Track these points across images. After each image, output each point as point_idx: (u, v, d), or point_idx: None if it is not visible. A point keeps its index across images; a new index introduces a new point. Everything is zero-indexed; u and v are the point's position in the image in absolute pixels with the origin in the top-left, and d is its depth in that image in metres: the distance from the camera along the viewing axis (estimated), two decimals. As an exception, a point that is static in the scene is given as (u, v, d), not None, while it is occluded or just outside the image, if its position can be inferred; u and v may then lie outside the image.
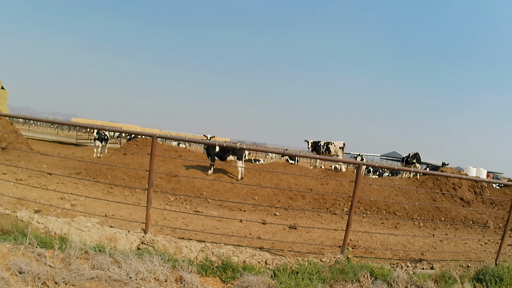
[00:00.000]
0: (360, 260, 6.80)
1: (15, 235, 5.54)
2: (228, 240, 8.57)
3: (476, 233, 14.01)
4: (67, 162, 17.39)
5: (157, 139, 6.52)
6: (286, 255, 7.09)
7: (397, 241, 10.94)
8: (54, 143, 33.16)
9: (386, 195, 16.40)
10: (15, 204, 9.00)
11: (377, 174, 29.61)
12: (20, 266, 4.59)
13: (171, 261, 5.37)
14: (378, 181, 18.52)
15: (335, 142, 21.72)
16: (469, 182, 17.59)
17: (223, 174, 17.10)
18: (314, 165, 23.24)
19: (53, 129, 51.29)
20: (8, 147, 16.38)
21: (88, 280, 4.70)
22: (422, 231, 13.30)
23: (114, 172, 15.83)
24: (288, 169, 18.62)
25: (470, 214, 15.43)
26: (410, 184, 18.14)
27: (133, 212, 10.60)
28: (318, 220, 13.13)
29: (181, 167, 17.27)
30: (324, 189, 16.43)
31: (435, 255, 9.72)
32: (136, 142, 20.19)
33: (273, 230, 10.62)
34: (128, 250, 5.51)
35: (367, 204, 15.35)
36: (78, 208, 10.15)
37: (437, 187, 17.49)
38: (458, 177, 8.14)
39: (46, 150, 24.60)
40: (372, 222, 13.72)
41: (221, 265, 5.68)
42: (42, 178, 13.53)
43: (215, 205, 13.42)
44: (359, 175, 7.13)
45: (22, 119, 7.82)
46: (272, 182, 16.59)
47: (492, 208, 16.58)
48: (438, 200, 16.58)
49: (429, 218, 15.00)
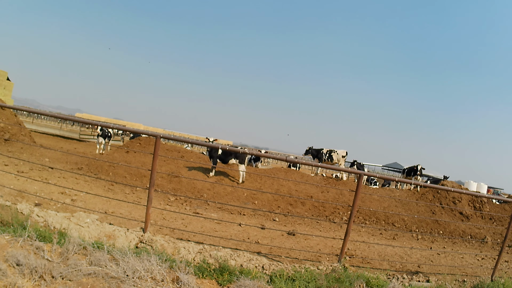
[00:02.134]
0: (356, 270, 6.81)
1: (15, 227, 5.55)
2: (226, 243, 8.58)
3: (473, 248, 13.97)
4: (69, 157, 17.43)
5: (160, 139, 6.54)
6: (283, 261, 7.10)
7: (394, 252, 10.93)
8: (57, 137, 33.24)
9: (386, 206, 16.38)
10: (16, 196, 9.03)
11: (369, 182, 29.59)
12: (18, 258, 4.60)
13: (168, 261, 5.37)
14: (378, 192, 18.51)
15: (338, 151, 21.72)
16: (469, 197, 17.56)
17: (224, 177, 17.11)
18: (316, 172, 23.23)
19: (57, 123, 51.39)
20: (11, 139, 16.43)
21: (85, 275, 4.70)
22: (420, 243, 13.28)
23: (116, 169, 15.85)
24: (289, 175, 18.61)
25: (468, 229, 15.39)
26: (410, 196, 18.11)
27: (133, 210, 10.61)
28: (317, 228, 13.13)
29: (183, 168, 17.29)
30: (324, 197, 16.43)
31: (431, 268, 9.70)
32: (139, 140, 20.23)
33: (272, 235, 10.62)
34: (127, 248, 5.53)
35: (366, 214, 15.35)
36: (78, 203, 10.17)
37: (437, 200, 17.46)
38: (458, 191, 8.14)
39: (49, 144, 24.68)
40: (371, 232, 13.71)
41: (218, 268, 5.68)
42: (44, 171, 13.57)
43: (215, 207, 13.43)
44: (359, 185, 7.14)
45: (26, 111, 7.87)
46: (273, 188, 16.59)
47: (491, 224, 16.54)
48: (438, 213, 16.55)
49: (427, 231, 14.98)
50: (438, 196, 17.68)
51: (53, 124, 51.79)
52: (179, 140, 7.40)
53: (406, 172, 22.87)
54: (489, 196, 10.21)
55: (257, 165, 25.18)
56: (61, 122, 52.15)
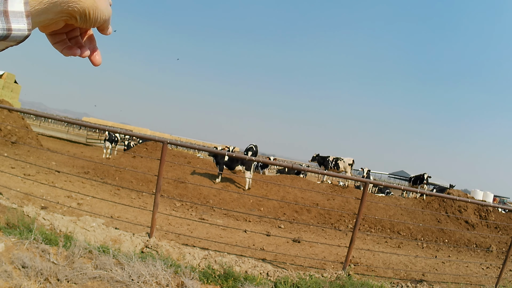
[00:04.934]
0: (361, 278, 6.78)
1: (21, 229, 5.58)
2: (232, 250, 8.58)
3: (478, 256, 13.89)
4: (76, 161, 17.49)
5: (167, 145, 6.56)
6: (288, 268, 7.08)
7: (399, 260, 10.88)
8: (64, 140, 33.37)
9: (391, 214, 16.33)
10: (22, 199, 9.07)
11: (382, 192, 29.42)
12: (24, 260, 4.63)
13: (173, 266, 5.38)
14: (384, 200, 18.45)
15: (344, 158, 21.63)
16: (474, 206, 17.46)
17: (231, 184, 17.12)
18: (322, 180, 23.16)
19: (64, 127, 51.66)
20: (18, 142, 16.48)
21: (91, 279, 4.72)
22: (425, 252, 13.21)
23: (122, 174, 15.90)
24: (295, 182, 18.60)
25: (473, 238, 15.31)
26: (416, 205, 18.05)
27: (139, 215, 10.63)
28: (322, 235, 13.09)
29: (189, 173, 17.33)
30: (330, 204, 16.40)
31: (436, 277, 9.65)
32: (146, 145, 20.30)
33: (277, 242, 10.60)
34: (132, 253, 5.54)
35: (371, 222, 15.29)
36: (85, 207, 10.21)
37: (442, 209, 17.38)
38: (464, 200, 8.12)
39: (56, 148, 24.77)
40: (376, 240, 13.66)
41: (223, 274, 5.68)
42: (50, 175, 13.63)
43: (221, 213, 13.44)
44: (365, 193, 7.13)
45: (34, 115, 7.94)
46: (279, 195, 16.58)
47: (496, 233, 16.44)
48: (443, 222, 16.47)
49: (432, 239, 14.91)
50: (444, 204, 17.60)
51: (60, 127, 52.05)
52: (186, 146, 7.41)
53: (413, 180, 22.81)
54: (495, 205, 10.16)
55: (264, 172, 25.17)
56: (68, 126, 52.38)
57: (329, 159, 21.90)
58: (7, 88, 37.28)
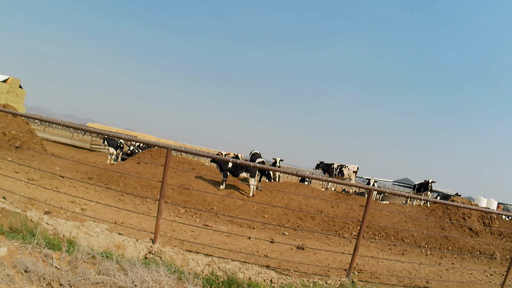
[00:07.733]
0: (365, 285, 6.76)
1: (24, 234, 5.58)
2: (235, 256, 8.55)
3: (482, 263, 13.81)
4: (80, 166, 17.50)
5: (172, 151, 6.56)
6: (292, 275, 7.05)
7: (403, 267, 10.82)
8: (68, 146, 33.45)
9: (395, 221, 16.26)
10: (26, 204, 9.07)
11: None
12: (27, 265, 4.62)
13: (177, 272, 5.36)
14: (388, 207, 18.39)
15: (349, 166, 21.56)
16: (478, 213, 17.40)
17: (235, 190, 17.10)
18: (326, 187, 23.11)
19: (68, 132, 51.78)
20: (22, 147, 16.55)
21: (93, 284, 4.70)
22: (429, 259, 13.15)
23: (126, 180, 15.89)
24: (299, 189, 18.56)
25: (477, 245, 15.23)
26: (420, 212, 17.98)
27: (143, 221, 10.62)
28: (326, 242, 13.05)
29: (193, 180, 17.32)
30: (334, 211, 16.35)
31: (440, 284, 9.60)
32: (150, 151, 20.33)
33: (281, 249, 10.57)
34: (135, 259, 5.52)
35: (375, 229, 15.22)
36: (88, 212, 10.21)
37: (446, 216, 17.30)
38: (468, 207, 8.09)
39: (60, 153, 24.83)
40: (380, 247, 13.60)
41: (226, 281, 5.66)
42: (54, 180, 13.64)
43: (225, 220, 13.42)
44: (369, 201, 7.11)
45: (38, 119, 7.96)
46: (283, 202, 16.54)
47: (500, 240, 16.36)
48: (447, 229, 16.39)
49: (436, 247, 14.84)
50: (448, 212, 17.52)
51: (65, 133, 52.12)
52: (190, 152, 7.42)
53: (417, 188, 22.76)
54: (499, 212, 10.15)
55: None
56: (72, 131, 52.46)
57: (333, 166, 21.84)
58: (12, 93, 37.50)
